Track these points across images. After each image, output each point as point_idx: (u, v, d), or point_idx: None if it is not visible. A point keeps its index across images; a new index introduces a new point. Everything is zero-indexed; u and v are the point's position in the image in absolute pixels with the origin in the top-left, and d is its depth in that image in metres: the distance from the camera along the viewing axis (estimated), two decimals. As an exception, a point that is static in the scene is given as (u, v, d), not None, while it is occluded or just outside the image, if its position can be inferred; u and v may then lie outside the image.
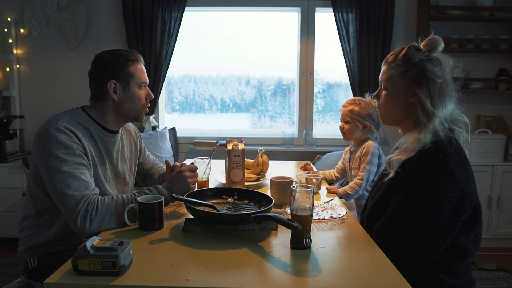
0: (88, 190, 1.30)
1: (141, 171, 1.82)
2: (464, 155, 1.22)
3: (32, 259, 1.47)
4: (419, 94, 1.24)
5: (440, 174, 1.14)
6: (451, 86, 1.26)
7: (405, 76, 1.27)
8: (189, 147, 3.47)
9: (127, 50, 1.50)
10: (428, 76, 1.24)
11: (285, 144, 3.42)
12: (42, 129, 1.35)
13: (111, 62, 1.44)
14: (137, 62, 1.49)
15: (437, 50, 1.28)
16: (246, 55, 3.66)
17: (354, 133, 2.02)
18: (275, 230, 1.26)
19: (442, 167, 1.15)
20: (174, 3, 3.21)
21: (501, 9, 3.18)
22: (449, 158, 1.15)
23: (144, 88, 1.52)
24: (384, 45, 3.20)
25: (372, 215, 1.34)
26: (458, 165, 1.17)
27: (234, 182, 1.71)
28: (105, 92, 1.45)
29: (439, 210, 1.14)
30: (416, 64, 1.26)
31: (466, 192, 1.16)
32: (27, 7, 3.29)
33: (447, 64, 1.27)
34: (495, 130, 3.35)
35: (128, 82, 1.46)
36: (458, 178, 1.15)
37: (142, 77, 1.49)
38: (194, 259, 1.07)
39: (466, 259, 1.25)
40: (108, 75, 1.44)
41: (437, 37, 1.29)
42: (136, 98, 1.49)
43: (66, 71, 3.39)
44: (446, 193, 1.14)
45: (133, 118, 1.54)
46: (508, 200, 3.15)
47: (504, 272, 2.76)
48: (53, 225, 1.43)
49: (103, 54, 1.48)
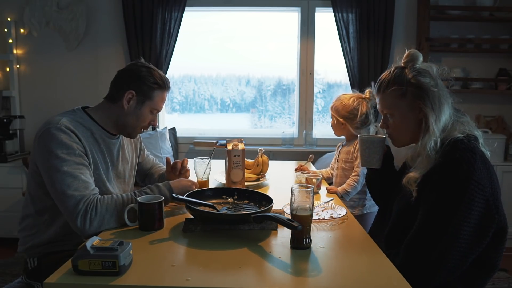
0: (88, 190, 1.30)
1: (141, 171, 1.82)
2: (488, 162, 1.19)
3: (31, 259, 1.47)
4: (426, 109, 1.23)
5: (468, 184, 1.10)
6: (445, 90, 1.26)
7: (405, 97, 1.27)
8: (189, 147, 3.47)
9: (163, 75, 1.53)
10: (426, 89, 1.24)
11: (285, 144, 3.41)
12: (42, 128, 1.35)
13: (143, 77, 1.47)
14: (164, 90, 1.52)
15: (418, 62, 1.29)
16: (246, 55, 3.66)
17: (337, 129, 2.08)
18: (275, 230, 1.26)
19: (469, 176, 1.11)
20: (174, 3, 3.21)
21: (501, 9, 3.18)
22: (475, 166, 1.12)
23: (154, 114, 1.55)
24: (384, 45, 3.20)
25: (396, 231, 1.30)
26: (484, 173, 1.14)
27: (234, 182, 1.71)
28: (120, 97, 1.46)
29: (466, 220, 1.10)
30: (409, 82, 1.26)
31: (492, 201, 1.12)
32: (27, 7, 3.29)
33: (433, 71, 1.28)
34: (495, 130, 3.35)
35: (144, 102, 1.48)
36: (484, 187, 1.11)
37: (158, 105, 1.53)
38: (194, 259, 1.07)
39: (493, 273, 1.21)
40: (133, 85, 1.46)
41: (414, 51, 1.30)
42: (142, 118, 1.51)
43: (66, 71, 3.39)
44: (474, 202, 1.10)
45: (127, 133, 1.56)
46: (508, 200, 3.13)
47: (504, 272, 2.76)
48: (53, 224, 1.43)
49: (141, 65, 1.50)
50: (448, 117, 1.24)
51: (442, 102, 1.23)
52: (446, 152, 1.17)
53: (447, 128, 1.23)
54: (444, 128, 1.23)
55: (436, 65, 1.29)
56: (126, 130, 1.54)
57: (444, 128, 1.23)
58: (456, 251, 1.11)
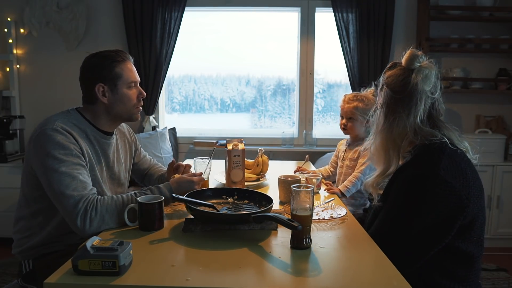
0: (87, 190, 1.29)
1: (138, 171, 1.81)
2: (463, 163, 1.21)
3: (26, 262, 1.46)
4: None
5: (432, 183, 1.14)
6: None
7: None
8: (189, 147, 3.47)
9: (114, 51, 1.47)
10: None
11: (285, 144, 3.42)
12: (38, 130, 1.34)
13: (98, 65, 1.43)
14: (124, 62, 1.46)
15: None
16: (246, 55, 3.66)
17: (358, 130, 2.03)
18: (275, 230, 1.26)
19: (433, 175, 1.15)
20: (174, 3, 3.21)
21: (501, 9, 3.18)
22: (441, 166, 1.15)
23: (135, 87, 1.49)
24: (384, 45, 3.20)
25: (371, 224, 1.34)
26: (453, 171, 1.16)
27: (234, 182, 1.71)
28: (95, 96, 1.43)
29: (430, 212, 1.14)
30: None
31: (464, 196, 1.14)
32: (27, 7, 3.29)
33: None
34: (495, 130, 3.35)
35: (116, 84, 1.43)
36: (451, 184, 1.13)
37: (130, 77, 1.46)
38: (194, 259, 1.07)
39: (472, 263, 1.23)
40: (95, 78, 1.42)
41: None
42: (126, 99, 1.46)
43: (66, 71, 3.38)
44: (438, 197, 1.13)
45: (126, 119, 1.53)
46: (508, 200, 3.15)
47: (504, 272, 2.76)
48: (47, 226, 1.42)
49: (90, 57, 1.46)
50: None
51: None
52: (415, 153, 1.23)
53: (417, 133, 1.25)
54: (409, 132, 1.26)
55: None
56: (123, 118, 1.51)
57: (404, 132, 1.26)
58: (415, 243, 1.17)
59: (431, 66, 1.27)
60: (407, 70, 1.27)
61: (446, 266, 1.20)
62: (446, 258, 1.19)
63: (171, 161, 1.69)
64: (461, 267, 1.21)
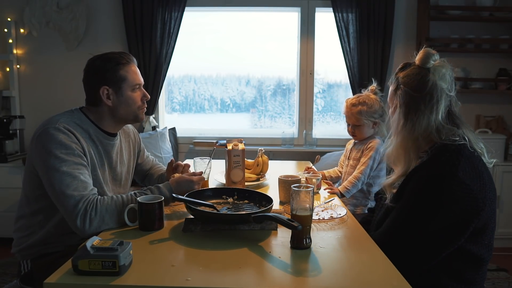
0: (87, 190, 1.29)
1: (140, 171, 1.81)
2: (480, 166, 1.20)
3: (25, 262, 1.46)
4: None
5: (450, 184, 1.13)
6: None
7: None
8: (189, 147, 3.47)
9: (118, 53, 1.47)
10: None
11: (285, 144, 3.41)
12: (40, 128, 1.35)
13: (102, 67, 1.42)
14: (129, 64, 1.46)
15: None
16: (246, 55, 3.66)
17: (367, 133, 2.03)
18: (275, 230, 1.26)
19: (451, 176, 1.14)
20: (174, 3, 3.21)
21: (501, 9, 3.18)
22: (459, 167, 1.14)
23: (139, 89, 1.49)
24: (384, 45, 3.20)
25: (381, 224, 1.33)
26: (470, 173, 1.15)
27: (234, 182, 1.71)
28: (99, 98, 1.43)
29: (447, 214, 1.13)
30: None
31: (481, 199, 1.14)
32: (27, 7, 3.29)
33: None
34: (495, 130, 3.35)
35: (121, 86, 1.43)
36: (469, 186, 1.13)
37: (135, 79, 1.46)
38: (194, 259, 1.07)
39: (481, 266, 1.23)
40: (99, 81, 1.42)
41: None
42: (131, 102, 1.46)
43: (66, 71, 3.38)
44: (455, 197, 1.13)
45: (132, 120, 1.53)
46: (508, 200, 3.15)
47: (504, 272, 2.76)
48: (47, 225, 1.43)
49: (94, 59, 1.46)
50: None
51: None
52: (433, 154, 1.21)
53: (433, 132, 1.24)
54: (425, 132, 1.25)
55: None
56: (128, 120, 1.52)
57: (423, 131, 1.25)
58: (428, 244, 1.16)
59: (446, 64, 1.29)
60: (423, 69, 1.27)
61: (455, 268, 1.19)
62: (456, 260, 1.18)
63: (170, 160, 1.69)
64: (470, 270, 1.21)
